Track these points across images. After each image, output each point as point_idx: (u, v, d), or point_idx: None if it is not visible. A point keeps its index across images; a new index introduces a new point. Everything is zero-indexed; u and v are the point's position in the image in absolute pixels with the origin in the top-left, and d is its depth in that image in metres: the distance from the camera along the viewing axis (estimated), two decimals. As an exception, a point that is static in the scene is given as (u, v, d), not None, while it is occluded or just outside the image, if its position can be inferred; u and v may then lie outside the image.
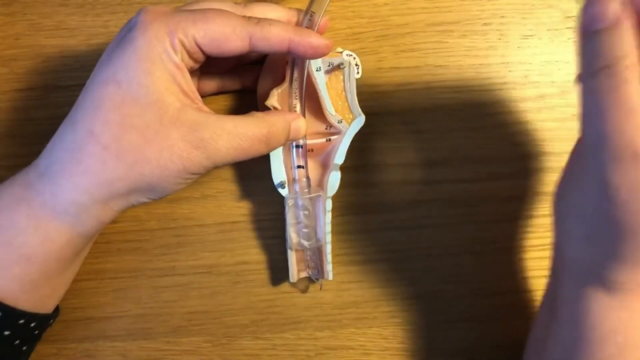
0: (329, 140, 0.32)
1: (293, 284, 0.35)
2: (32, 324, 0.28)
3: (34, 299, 0.27)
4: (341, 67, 0.31)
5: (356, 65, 0.32)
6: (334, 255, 0.34)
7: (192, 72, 0.29)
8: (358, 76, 0.33)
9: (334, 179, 0.32)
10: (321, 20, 0.29)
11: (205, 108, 0.27)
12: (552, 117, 0.35)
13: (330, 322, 0.35)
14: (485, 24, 0.35)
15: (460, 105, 0.35)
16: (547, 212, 0.35)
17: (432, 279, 0.35)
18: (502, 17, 0.35)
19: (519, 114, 0.35)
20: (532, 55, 0.35)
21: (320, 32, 0.30)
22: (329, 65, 0.31)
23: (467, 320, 0.35)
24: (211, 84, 0.33)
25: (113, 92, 0.25)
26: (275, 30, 0.26)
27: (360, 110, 0.32)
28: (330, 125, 0.32)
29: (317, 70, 0.31)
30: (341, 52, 0.32)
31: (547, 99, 0.35)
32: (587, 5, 0.20)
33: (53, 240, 0.26)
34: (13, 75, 0.35)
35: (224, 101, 0.35)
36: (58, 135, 0.26)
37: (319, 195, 0.31)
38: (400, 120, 0.35)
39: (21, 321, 0.27)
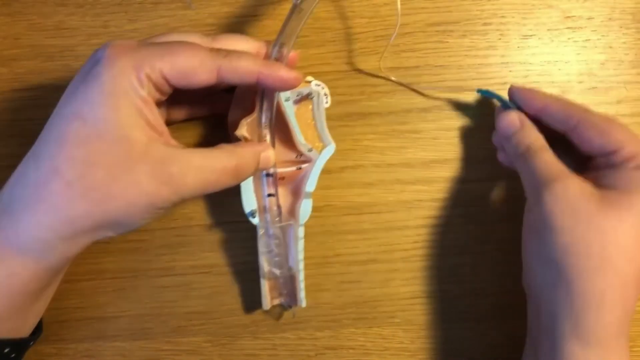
0: (300, 168, 0.32)
1: (266, 312, 0.34)
2: (6, 350, 0.27)
3: (3, 330, 0.26)
4: (310, 97, 0.32)
5: (325, 94, 0.32)
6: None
7: (162, 102, 0.28)
8: (327, 105, 0.33)
9: (306, 207, 0.32)
10: (291, 51, 0.29)
11: (173, 141, 0.26)
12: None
13: (330, 322, 0.35)
14: (485, 24, 0.35)
15: (460, 105, 0.35)
16: (547, 212, 0.35)
17: (432, 279, 0.35)
18: (502, 17, 0.35)
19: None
20: (532, 55, 0.35)
21: (291, 64, 0.30)
22: (297, 95, 0.32)
23: (467, 320, 0.35)
24: (181, 112, 0.32)
25: (78, 127, 0.24)
26: (244, 62, 0.26)
27: (330, 138, 0.32)
28: (300, 154, 0.32)
29: (286, 101, 0.31)
30: (310, 82, 0.32)
31: (547, 99, 0.35)
32: (499, 121, 0.31)
33: (17, 275, 0.25)
34: (13, 75, 0.35)
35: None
36: (21, 170, 0.26)
37: (290, 224, 0.31)
38: (400, 120, 0.35)
39: None
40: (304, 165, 0.32)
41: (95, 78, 0.24)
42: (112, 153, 0.24)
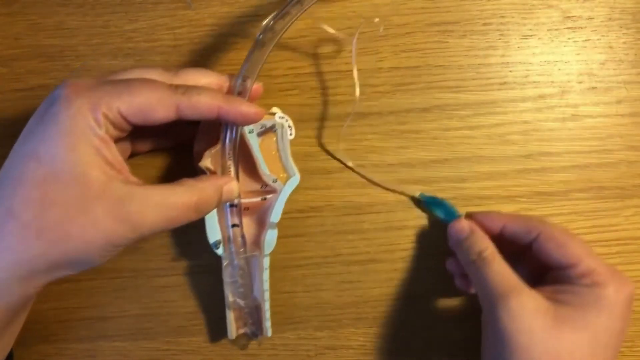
0: (265, 199, 0.33)
1: (232, 341, 0.34)
2: None
3: None
4: (273, 130, 0.32)
5: (289, 126, 0.32)
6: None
7: (125, 136, 0.28)
8: (291, 137, 0.33)
9: (271, 237, 0.32)
10: (253, 85, 0.29)
11: (133, 178, 0.26)
12: (552, 117, 0.35)
13: (330, 322, 0.35)
14: (485, 24, 0.35)
15: (460, 105, 0.35)
16: (548, 212, 0.35)
17: (432, 279, 0.35)
18: (502, 17, 0.35)
19: (519, 114, 0.35)
20: (532, 55, 0.35)
21: (254, 96, 0.30)
22: (261, 128, 0.32)
23: (467, 320, 0.35)
24: (146, 144, 0.32)
25: (34, 168, 0.24)
26: (204, 98, 0.26)
27: (295, 169, 0.32)
28: (265, 185, 0.32)
29: (250, 132, 0.31)
30: (274, 114, 0.32)
31: (547, 99, 0.35)
32: (450, 228, 0.32)
33: None
34: (13, 75, 0.35)
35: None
36: None
37: (255, 255, 0.31)
38: (400, 120, 0.35)
39: None
40: (268, 196, 0.33)
41: (52, 118, 0.24)
42: (69, 193, 0.24)
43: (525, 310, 0.26)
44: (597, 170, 0.35)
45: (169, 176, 0.35)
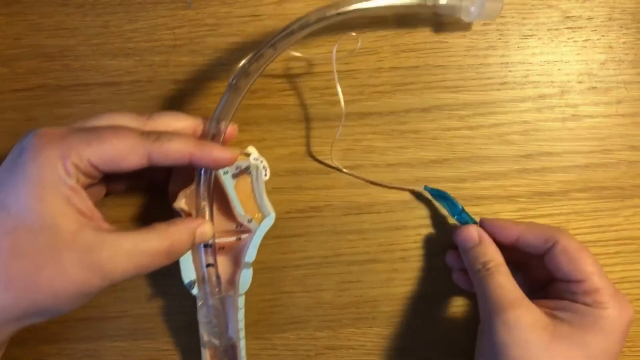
0: (240, 239, 0.32)
1: None
2: None
3: None
4: (248, 172, 0.32)
5: (264, 167, 0.32)
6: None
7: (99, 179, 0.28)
8: (266, 178, 0.33)
9: (246, 277, 0.32)
10: (228, 127, 0.29)
11: (105, 225, 0.26)
12: (552, 117, 0.35)
13: (330, 322, 0.35)
14: (485, 24, 0.35)
15: (460, 105, 0.35)
16: (547, 212, 0.35)
17: (432, 279, 0.35)
18: (502, 17, 0.35)
19: (519, 114, 0.35)
20: (532, 55, 0.35)
21: (228, 139, 0.30)
22: (236, 169, 0.32)
23: (467, 320, 0.35)
24: (120, 185, 0.32)
25: (3, 218, 0.24)
26: (175, 145, 0.26)
27: (269, 208, 0.32)
28: (240, 224, 0.32)
29: (224, 174, 0.31)
30: (249, 155, 0.32)
31: (547, 99, 0.35)
32: (458, 234, 0.31)
33: None
34: (13, 75, 0.35)
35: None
36: None
37: (229, 295, 0.31)
38: (400, 120, 0.35)
39: None
40: (243, 236, 0.32)
41: (21, 168, 0.24)
42: (39, 243, 0.24)
43: (522, 323, 0.26)
44: (597, 170, 0.35)
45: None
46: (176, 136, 0.27)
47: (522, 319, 0.27)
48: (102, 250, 0.25)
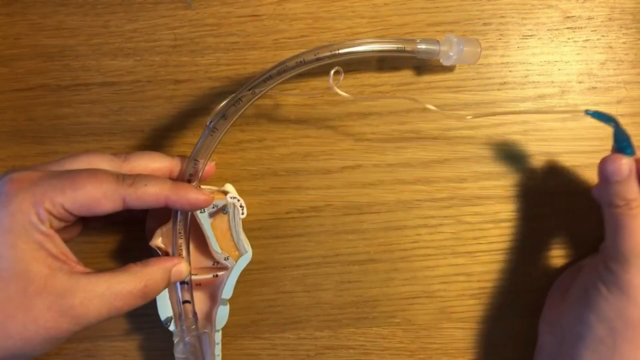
0: (217, 276, 0.33)
1: None
2: None
3: None
4: (224, 212, 0.32)
5: (241, 206, 0.32)
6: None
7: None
8: (243, 216, 0.33)
9: (222, 313, 0.32)
10: (206, 166, 0.29)
11: (79, 267, 0.26)
12: (552, 117, 0.35)
13: (330, 322, 0.35)
14: (485, 24, 0.35)
15: (460, 106, 0.35)
16: (547, 212, 0.35)
17: (432, 279, 0.35)
18: (502, 17, 0.35)
19: (519, 114, 0.35)
20: (532, 55, 0.35)
21: (206, 177, 0.30)
22: (213, 208, 0.32)
23: (467, 321, 0.35)
24: (97, 221, 0.31)
25: None
26: (151, 189, 0.26)
27: (246, 246, 0.32)
28: (217, 262, 0.32)
29: (201, 212, 0.31)
30: (227, 193, 0.32)
31: (547, 99, 0.35)
32: (606, 162, 0.28)
33: None
34: (13, 75, 0.35)
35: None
36: None
37: (206, 332, 0.31)
38: (400, 120, 0.35)
39: None
40: (220, 273, 0.33)
41: None
42: (10, 290, 0.24)
43: None
44: (597, 170, 0.35)
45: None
46: (152, 179, 0.27)
47: None
48: (75, 295, 0.25)
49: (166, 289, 0.30)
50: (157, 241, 0.31)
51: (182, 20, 0.35)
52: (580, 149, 0.35)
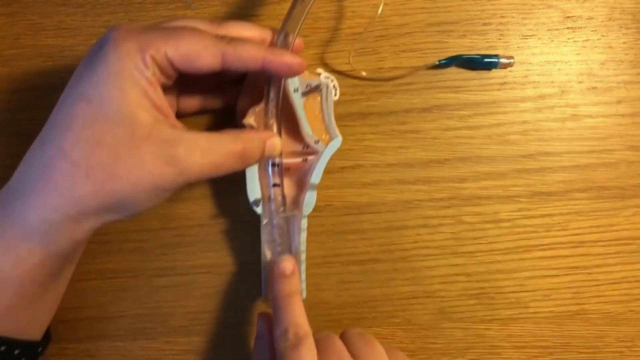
0: (306, 160, 0.32)
1: (266, 301, 0.34)
2: (16, 352, 0.27)
3: (13, 325, 0.26)
4: (318, 89, 0.31)
5: (334, 87, 0.32)
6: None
7: (172, 91, 0.28)
8: (336, 98, 0.33)
9: (310, 199, 0.32)
10: (295, 40, 0.29)
11: (179, 124, 0.26)
12: (552, 117, 0.35)
13: (330, 322, 0.35)
14: (485, 24, 0.35)
15: (460, 105, 0.35)
16: (547, 212, 0.35)
17: (432, 279, 0.35)
18: (502, 17, 0.35)
19: (519, 114, 0.35)
20: (532, 55, 0.35)
21: (296, 51, 0.30)
22: (306, 87, 0.31)
23: (467, 321, 0.35)
24: (192, 103, 0.32)
25: (84, 109, 0.24)
26: (248, 49, 0.26)
27: (337, 131, 0.32)
28: (307, 145, 0.32)
29: (294, 92, 0.31)
30: (319, 74, 0.32)
31: (547, 99, 0.35)
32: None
33: (25, 262, 0.25)
34: (13, 75, 0.35)
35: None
36: (28, 155, 0.26)
37: (294, 215, 0.31)
38: (400, 120, 0.35)
39: (2, 348, 0.26)
40: (310, 157, 0.32)
41: (101, 60, 0.24)
42: (117, 133, 0.24)
43: None
44: (597, 170, 0.35)
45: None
46: (249, 41, 0.27)
47: None
48: (179, 145, 0.25)
49: (255, 171, 0.31)
50: (250, 120, 0.30)
51: (182, 20, 0.35)
52: (580, 149, 0.35)
